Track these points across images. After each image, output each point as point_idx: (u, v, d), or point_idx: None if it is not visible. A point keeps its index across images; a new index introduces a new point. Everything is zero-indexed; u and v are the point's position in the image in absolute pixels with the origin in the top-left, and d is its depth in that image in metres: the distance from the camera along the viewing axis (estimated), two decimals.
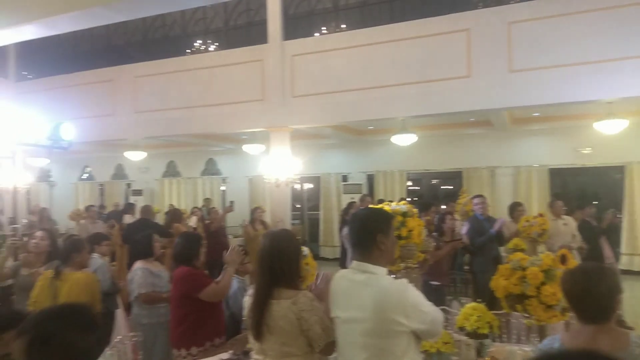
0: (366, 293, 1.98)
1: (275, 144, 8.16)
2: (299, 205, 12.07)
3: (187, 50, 9.60)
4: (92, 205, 9.21)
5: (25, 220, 8.14)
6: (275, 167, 8.15)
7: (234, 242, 8.66)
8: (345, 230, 6.07)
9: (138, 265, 3.95)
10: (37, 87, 9.45)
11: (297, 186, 11.77)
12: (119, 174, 14.22)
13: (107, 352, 3.14)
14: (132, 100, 8.87)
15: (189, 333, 3.29)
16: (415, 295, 1.95)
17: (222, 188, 12.97)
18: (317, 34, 8.47)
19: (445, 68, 6.85)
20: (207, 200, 11.43)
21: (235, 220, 10.43)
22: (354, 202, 6.95)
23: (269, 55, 7.91)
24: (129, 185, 14.01)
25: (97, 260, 4.55)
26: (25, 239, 3.90)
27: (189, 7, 3.86)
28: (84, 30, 9.59)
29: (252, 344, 2.31)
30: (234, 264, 3.47)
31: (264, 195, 11.86)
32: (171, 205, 10.61)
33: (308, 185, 12.38)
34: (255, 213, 7.97)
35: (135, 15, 4.09)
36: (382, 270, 2.06)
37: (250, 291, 2.38)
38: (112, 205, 12.48)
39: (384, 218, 2.18)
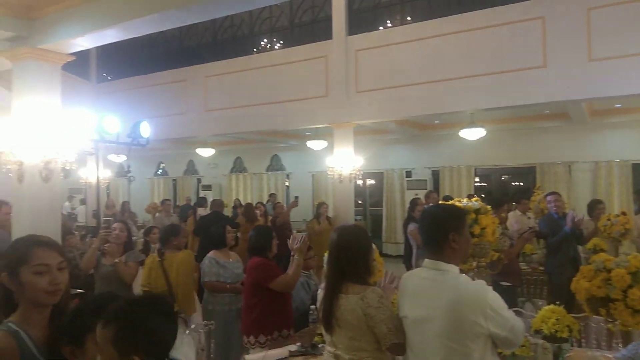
0: (440, 292, 1.93)
1: (339, 139, 8.19)
2: (360, 201, 12.04)
3: (254, 49, 9.85)
4: (167, 200, 9.73)
5: (105, 213, 8.74)
6: (338, 163, 8.19)
7: (298, 237, 8.79)
8: (411, 226, 5.99)
9: (209, 255, 4.14)
10: (116, 88, 10.08)
11: (360, 182, 11.73)
12: (190, 169, 14.89)
13: (186, 334, 3.32)
14: (203, 99, 9.24)
15: (259, 321, 3.39)
16: (495, 298, 1.87)
17: (286, 184, 13.21)
18: (381, 28, 8.38)
19: (519, 58, 6.53)
20: (272, 196, 11.69)
21: (299, 215, 10.59)
22: (418, 198, 6.80)
23: (333, 51, 7.93)
24: (199, 180, 14.63)
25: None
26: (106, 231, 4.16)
27: (258, 7, 3.96)
28: (159, 33, 10.12)
29: (325, 336, 2.33)
30: (301, 253, 3.50)
31: (326, 190, 11.95)
32: (237, 199, 10.96)
33: (370, 181, 12.31)
34: (320, 208, 8.03)
35: (208, 17, 4.25)
36: (455, 269, 2.00)
37: (323, 284, 2.40)
38: (184, 199, 13.12)
39: (457, 215, 2.10)
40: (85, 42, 4.15)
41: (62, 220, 5.23)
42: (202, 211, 8.65)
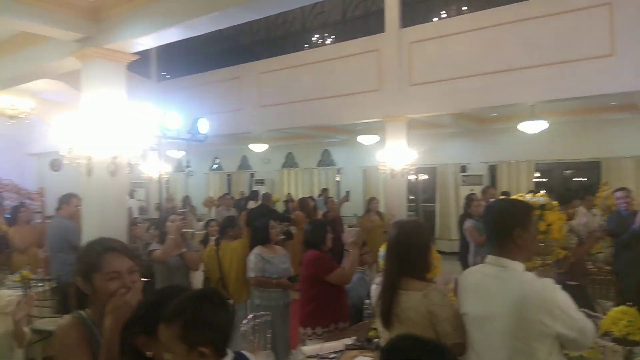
0: (503, 289, 1.87)
1: (391, 134, 8.09)
2: (412, 197, 11.86)
3: (306, 45, 9.91)
4: (227, 194, 10.04)
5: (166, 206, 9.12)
6: (390, 158, 8.10)
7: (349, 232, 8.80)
8: (468, 223, 5.83)
9: (255, 250, 4.23)
10: (175, 86, 10.45)
11: (412, 177, 11.55)
12: (244, 164, 15.24)
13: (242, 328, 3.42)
14: (257, 95, 9.40)
15: (316, 313, 3.44)
16: (564, 297, 1.80)
17: (337, 179, 13.23)
18: (436, 19, 8.19)
19: (584, 47, 6.18)
20: (324, 191, 11.74)
21: (350, 210, 10.58)
22: (474, 194, 6.60)
23: (386, 44, 7.83)
24: (252, 175, 14.94)
25: None
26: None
27: (312, 2, 3.98)
28: (214, 32, 10.36)
29: (381, 332, 2.31)
30: (356, 246, 3.50)
31: (378, 186, 11.86)
32: (289, 194, 11.10)
33: (423, 176, 12.09)
34: (371, 204, 7.99)
35: (266, 13, 4.31)
36: (520, 266, 1.93)
37: (378, 279, 2.38)
38: (238, 193, 13.45)
39: (523, 210, 2.02)
40: (148, 41, 4.33)
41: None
42: (252, 204, 8.85)
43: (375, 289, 2.39)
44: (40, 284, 4.91)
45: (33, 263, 5.86)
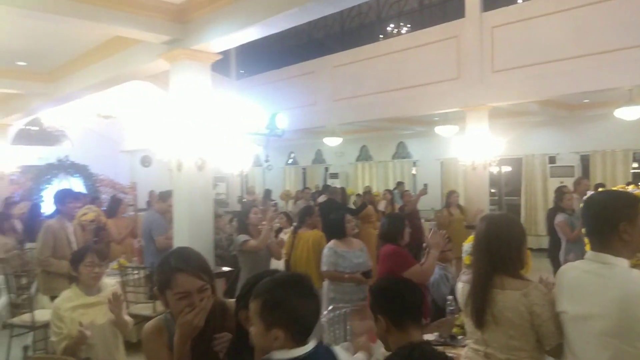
0: (606, 287, 1.73)
1: (472, 124, 7.76)
2: (493, 190, 11.33)
3: (381, 36, 9.77)
4: (306, 188, 10.26)
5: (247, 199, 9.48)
6: (471, 149, 7.77)
7: (426, 226, 8.61)
8: (560, 217, 5.45)
9: (329, 244, 4.22)
10: (253, 83, 10.76)
11: (493, 169, 11.03)
12: (318, 158, 15.41)
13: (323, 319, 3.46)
14: (331, 89, 9.43)
15: None
16: None
17: (413, 172, 12.97)
18: (520, 1, 7.71)
19: None
20: (400, 184, 11.57)
21: (427, 204, 10.33)
22: (565, 186, 6.17)
23: (466, 30, 7.51)
24: (326, 169, 15.08)
25: None
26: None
27: None
28: (289, 28, 10.56)
29: (471, 332, 2.19)
30: (437, 247, 3.43)
31: (456, 178, 11.47)
32: (367, 187, 11.04)
33: (506, 168, 11.50)
34: (451, 197, 7.73)
35: (345, 6, 4.30)
36: (625, 263, 1.77)
37: (464, 277, 2.28)
38: (314, 187, 13.63)
39: (629, 203, 1.84)
40: (230, 40, 4.48)
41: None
42: (323, 198, 8.95)
43: (462, 287, 2.27)
44: (135, 272, 5.29)
45: (128, 252, 6.34)
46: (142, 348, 1.75)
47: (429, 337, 3.07)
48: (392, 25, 9.80)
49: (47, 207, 7.98)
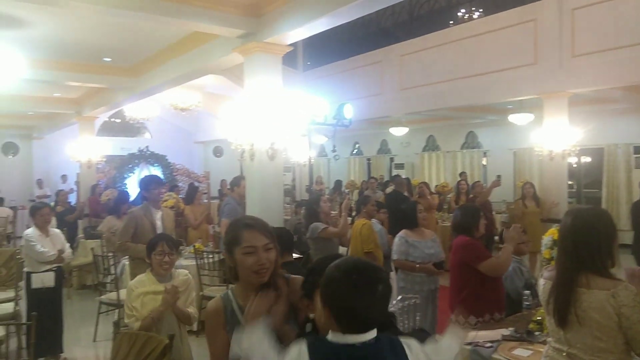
0: None
1: (550, 111, 7.37)
2: (571, 182, 10.69)
3: (450, 22, 9.47)
4: (373, 177, 10.29)
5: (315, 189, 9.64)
6: (549, 138, 7.38)
7: (497, 219, 8.30)
8: None
9: (400, 233, 4.23)
10: (320, 75, 10.83)
11: (572, 160, 10.40)
12: (384, 149, 15.29)
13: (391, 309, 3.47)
14: (398, 78, 9.29)
15: (469, 302, 3.30)
16: None
17: (483, 162, 12.53)
18: None
19: None
20: (462, 175, 11.20)
21: (498, 196, 9.95)
22: None
23: (544, 13, 7.09)
24: (391, 159, 14.93)
25: (377, 224, 5.06)
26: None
27: None
28: (357, 17, 10.51)
29: (552, 331, 2.11)
30: (513, 242, 3.33)
31: (531, 169, 10.95)
32: (444, 182, 10.82)
33: (585, 159, 10.81)
34: (526, 189, 7.41)
35: None
36: None
37: (547, 274, 2.17)
38: (378, 177, 13.58)
39: None
40: (301, 32, 4.56)
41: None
42: (390, 189, 8.91)
43: (544, 284, 2.16)
44: (210, 256, 5.57)
45: (204, 237, 6.69)
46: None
47: (504, 332, 2.99)
48: (463, 11, 9.46)
49: (131, 194, 8.62)
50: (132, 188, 10.09)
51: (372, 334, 1.33)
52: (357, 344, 1.31)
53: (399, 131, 12.05)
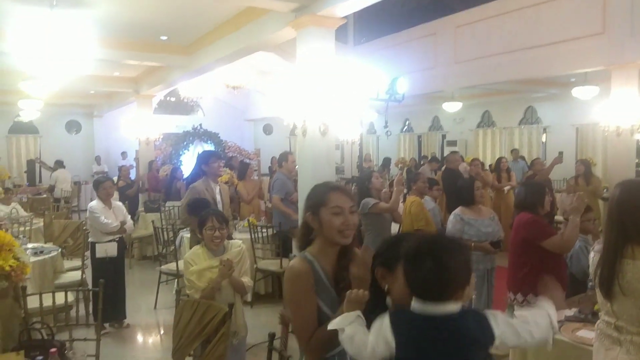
0: None
1: (618, 84, 6.88)
2: (637, 160, 10.02)
3: None
4: (425, 157, 10.13)
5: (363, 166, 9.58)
6: (616, 112, 6.92)
7: (557, 198, 7.93)
8: None
9: (456, 211, 4.14)
10: (372, 49, 10.63)
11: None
12: (435, 125, 14.91)
13: None
14: (453, 50, 8.96)
15: (529, 280, 3.21)
16: None
17: (543, 139, 11.96)
18: None
19: None
20: (514, 152, 10.73)
21: (559, 174, 9.51)
22: None
23: None
24: (444, 136, 14.55)
25: (430, 202, 4.98)
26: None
27: None
28: None
29: (601, 303, 2.08)
30: (577, 212, 3.14)
31: (595, 147, 10.36)
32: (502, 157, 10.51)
33: None
34: (576, 167, 7.08)
35: None
36: None
37: (597, 247, 2.12)
38: (429, 155, 13.31)
39: None
40: (354, 4, 4.46)
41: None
42: (425, 168, 8.75)
43: (593, 256, 2.14)
44: (263, 230, 5.69)
45: (256, 212, 6.84)
46: (285, 291, 1.80)
47: (567, 312, 2.89)
48: None
49: (186, 170, 8.91)
50: (186, 165, 10.45)
51: (456, 306, 1.33)
52: (438, 315, 1.31)
53: (452, 107, 11.69)
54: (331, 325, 1.42)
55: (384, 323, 1.34)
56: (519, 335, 1.37)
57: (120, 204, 5.11)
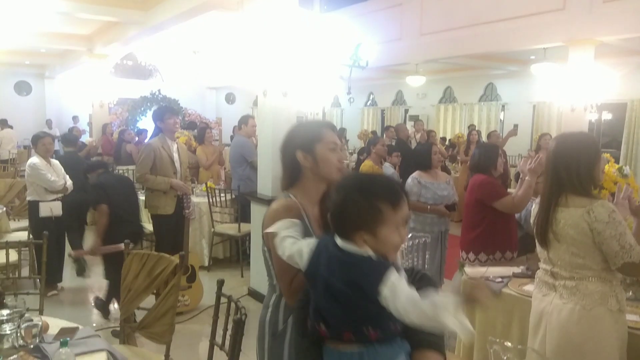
0: None
1: (575, 61, 7.06)
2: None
3: None
4: (390, 126, 10.16)
5: None
6: (572, 90, 7.12)
7: (512, 172, 8.17)
8: None
9: (413, 174, 4.19)
10: (338, 17, 10.46)
11: (592, 117, 10.10)
12: (399, 100, 14.99)
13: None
14: (419, 22, 8.94)
15: (481, 239, 3.30)
16: None
17: (501, 117, 12.24)
18: None
19: None
20: (471, 126, 10.97)
21: (515, 149, 9.78)
22: None
23: None
24: (406, 110, 14.67)
25: (389, 168, 5.01)
26: None
27: None
28: None
29: (539, 252, 2.16)
30: (534, 173, 3.18)
31: (550, 123, 10.69)
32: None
33: (607, 116, 10.50)
34: (542, 140, 7.24)
35: None
36: None
37: (538, 199, 2.19)
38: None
39: None
40: None
41: None
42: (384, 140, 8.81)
43: (534, 207, 2.22)
44: (222, 194, 5.58)
45: (215, 178, 6.69)
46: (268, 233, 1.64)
47: (514, 269, 2.97)
48: None
49: (138, 133, 8.61)
50: (143, 129, 10.08)
51: (356, 248, 1.27)
52: (345, 249, 1.24)
53: (415, 81, 11.75)
54: (270, 229, 1.43)
55: (312, 241, 1.33)
56: (398, 309, 1.13)
57: (56, 161, 4.81)
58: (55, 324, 2.17)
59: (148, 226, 5.03)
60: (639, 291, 2.67)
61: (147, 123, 11.12)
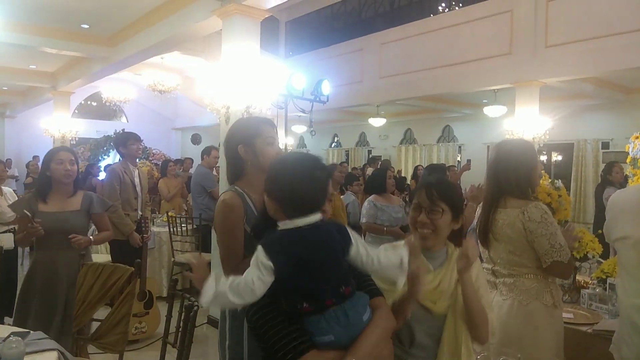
0: None
1: (522, 102, 7.58)
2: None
3: (431, 15, 9.64)
4: (355, 168, 10.46)
5: None
6: (520, 129, 7.58)
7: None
8: (610, 191, 5.26)
9: (370, 197, 4.40)
10: (300, 62, 10.88)
11: (543, 157, 10.68)
12: (362, 141, 15.44)
13: None
14: (378, 66, 9.42)
15: None
16: None
17: (458, 158, 12.76)
18: None
19: None
20: (417, 167, 11.45)
21: (469, 184, 10.13)
22: (616, 161, 5.94)
23: (521, 4, 7.31)
24: (369, 151, 15.08)
25: (350, 196, 5.16)
26: None
27: None
28: (339, 6, 10.61)
29: (482, 253, 2.27)
30: (475, 200, 3.43)
31: None
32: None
33: (556, 157, 11.13)
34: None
35: None
36: None
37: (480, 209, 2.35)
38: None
39: None
40: None
41: None
42: (370, 170, 9.01)
43: (477, 210, 2.38)
44: (183, 224, 5.55)
45: (177, 209, 6.66)
46: (216, 222, 1.80)
47: None
48: (443, 4, 9.65)
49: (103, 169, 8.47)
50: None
51: (316, 216, 1.35)
52: (304, 226, 1.32)
53: (377, 122, 12.19)
54: (204, 303, 1.30)
55: (257, 253, 1.31)
56: (367, 253, 1.39)
57: (10, 190, 4.66)
58: (5, 330, 2.13)
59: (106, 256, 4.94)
60: (574, 295, 2.87)
61: (109, 162, 11.00)
